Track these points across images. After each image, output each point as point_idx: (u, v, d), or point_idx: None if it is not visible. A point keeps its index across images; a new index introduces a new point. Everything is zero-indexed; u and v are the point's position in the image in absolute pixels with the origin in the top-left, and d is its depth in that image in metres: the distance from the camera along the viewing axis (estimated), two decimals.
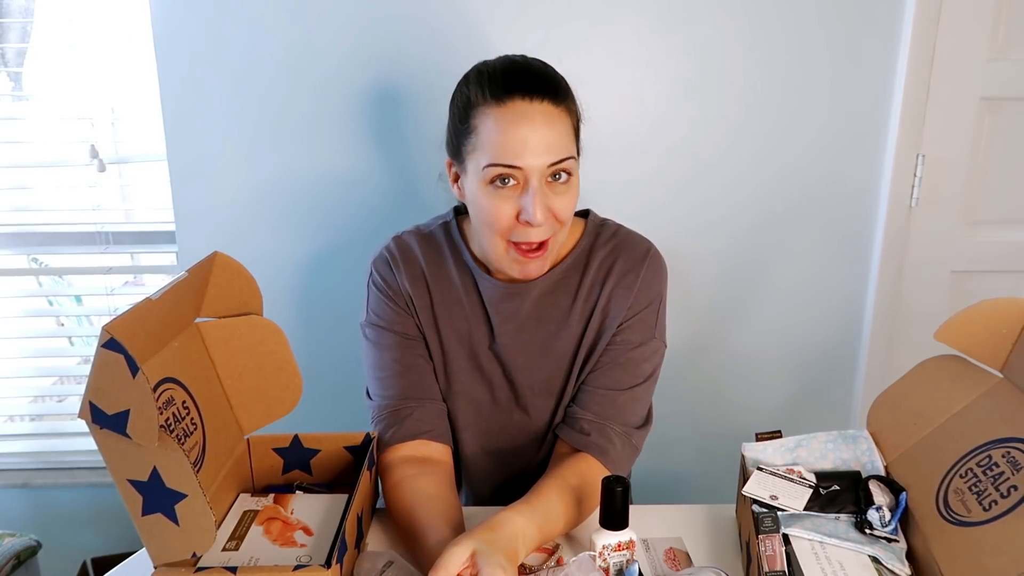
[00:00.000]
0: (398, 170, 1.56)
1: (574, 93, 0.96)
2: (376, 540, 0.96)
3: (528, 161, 0.89)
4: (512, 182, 0.91)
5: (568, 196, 0.94)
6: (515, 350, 1.04)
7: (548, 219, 0.92)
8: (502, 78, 0.92)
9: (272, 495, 0.95)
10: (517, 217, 0.91)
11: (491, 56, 0.98)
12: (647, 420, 1.05)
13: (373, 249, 1.09)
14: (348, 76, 1.50)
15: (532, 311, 1.03)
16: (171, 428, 0.78)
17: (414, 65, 1.49)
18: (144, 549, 0.73)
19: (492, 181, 0.91)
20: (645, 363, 1.02)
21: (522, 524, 0.84)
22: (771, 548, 0.79)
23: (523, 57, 0.96)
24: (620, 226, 1.07)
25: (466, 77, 0.97)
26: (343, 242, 1.60)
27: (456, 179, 1.00)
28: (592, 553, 0.81)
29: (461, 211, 1.09)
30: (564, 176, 0.92)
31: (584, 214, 1.08)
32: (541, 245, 0.94)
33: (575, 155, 0.94)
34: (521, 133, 0.88)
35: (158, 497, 0.69)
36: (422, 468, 0.97)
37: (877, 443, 0.94)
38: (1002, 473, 0.76)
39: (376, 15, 1.46)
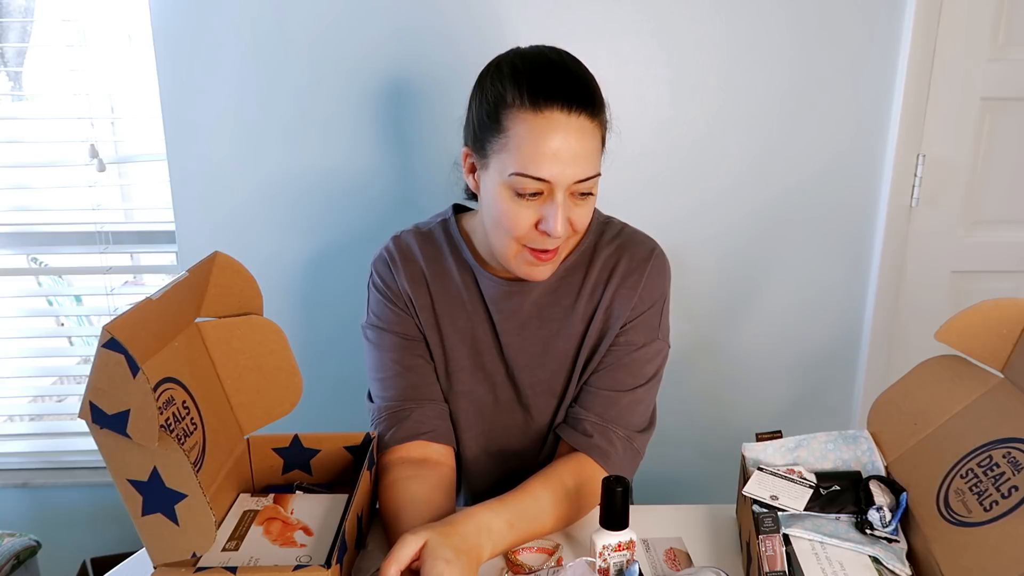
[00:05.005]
0: (399, 169, 1.56)
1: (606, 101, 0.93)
2: (378, 541, 0.96)
3: (557, 177, 0.87)
4: (536, 193, 0.89)
5: (587, 207, 0.93)
6: (517, 348, 1.04)
7: (567, 231, 0.91)
8: (541, 82, 0.87)
9: (272, 495, 0.95)
10: (536, 225, 0.91)
11: (491, 55, 0.95)
12: (650, 423, 1.04)
13: (374, 249, 1.08)
14: (349, 75, 1.50)
15: (534, 309, 1.03)
16: (171, 428, 0.78)
17: (415, 64, 1.49)
18: (144, 549, 0.73)
19: (515, 189, 0.89)
20: (648, 364, 1.02)
21: (487, 518, 0.85)
22: (771, 548, 0.79)
23: (558, 54, 0.92)
24: (625, 224, 1.07)
25: (498, 67, 0.92)
26: (344, 242, 1.60)
27: (472, 169, 0.97)
28: (590, 559, 0.81)
29: (460, 208, 1.09)
30: (586, 192, 0.92)
31: None
32: (554, 250, 0.94)
33: (600, 172, 0.92)
34: (554, 147, 0.86)
35: (158, 497, 0.69)
36: (418, 470, 0.97)
37: (877, 443, 0.94)
38: (1003, 474, 0.76)
39: (376, 14, 1.46)
